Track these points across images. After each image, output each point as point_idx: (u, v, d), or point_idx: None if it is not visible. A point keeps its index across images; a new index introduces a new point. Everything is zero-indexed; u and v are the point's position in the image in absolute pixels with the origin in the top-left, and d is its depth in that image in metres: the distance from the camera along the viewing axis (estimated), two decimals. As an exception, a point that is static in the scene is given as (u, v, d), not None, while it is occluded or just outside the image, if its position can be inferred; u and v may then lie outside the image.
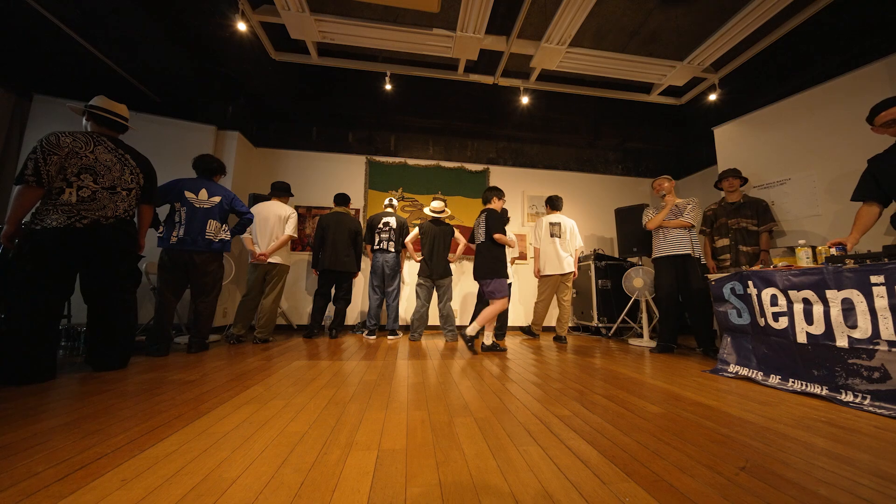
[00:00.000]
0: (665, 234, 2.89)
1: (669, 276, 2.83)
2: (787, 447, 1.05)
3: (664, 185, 3.01)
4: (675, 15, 2.89)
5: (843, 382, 1.55)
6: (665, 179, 3.04)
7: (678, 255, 2.79)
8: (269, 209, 3.11)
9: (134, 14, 2.73)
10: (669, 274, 2.83)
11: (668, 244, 2.85)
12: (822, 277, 1.67)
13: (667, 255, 2.84)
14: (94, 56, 3.04)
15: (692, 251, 2.76)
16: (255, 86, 3.82)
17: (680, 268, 2.80)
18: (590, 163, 5.12)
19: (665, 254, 2.85)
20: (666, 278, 2.84)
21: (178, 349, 2.55)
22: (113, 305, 1.89)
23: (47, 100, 3.19)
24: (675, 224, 2.83)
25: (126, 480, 0.80)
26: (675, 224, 2.83)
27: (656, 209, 3.03)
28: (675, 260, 2.81)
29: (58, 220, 1.69)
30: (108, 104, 1.94)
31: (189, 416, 1.21)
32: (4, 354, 1.56)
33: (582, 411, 1.34)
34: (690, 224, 2.80)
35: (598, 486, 0.81)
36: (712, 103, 3.77)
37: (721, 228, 2.91)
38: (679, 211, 2.89)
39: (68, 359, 2.14)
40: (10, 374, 1.54)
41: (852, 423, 1.28)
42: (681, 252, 2.78)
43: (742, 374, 1.98)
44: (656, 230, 2.95)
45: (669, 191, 2.99)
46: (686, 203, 2.90)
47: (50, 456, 0.90)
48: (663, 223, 2.89)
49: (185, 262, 2.40)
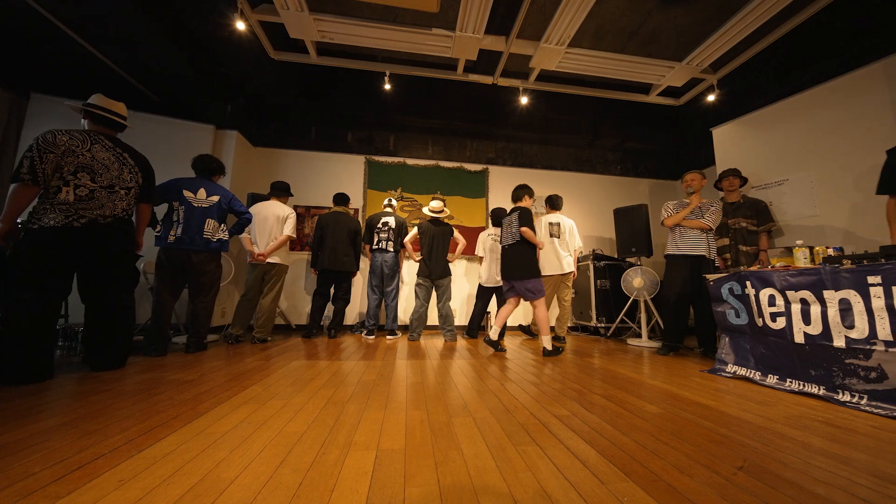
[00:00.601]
0: (683, 232, 2.78)
1: (682, 276, 2.73)
2: (784, 447, 1.05)
3: (694, 183, 2.82)
4: (674, 15, 2.90)
5: (840, 382, 1.56)
6: (699, 175, 2.84)
7: (694, 256, 2.70)
8: (268, 209, 3.11)
9: (133, 13, 2.72)
10: (682, 273, 2.73)
11: (686, 243, 2.74)
12: (820, 278, 1.67)
13: (683, 254, 2.74)
14: (93, 55, 3.03)
15: (708, 253, 2.67)
16: (254, 85, 3.81)
17: (695, 268, 2.70)
18: (589, 163, 5.12)
19: (681, 252, 2.75)
20: (678, 277, 2.75)
21: (176, 349, 2.55)
22: (111, 305, 1.89)
23: (45, 98, 3.17)
24: (695, 225, 2.70)
25: (123, 481, 0.79)
26: (694, 225, 2.70)
27: (679, 205, 2.86)
28: (691, 260, 2.72)
29: (55, 219, 1.68)
30: (106, 102, 1.93)
31: (187, 417, 1.20)
32: (2, 354, 1.55)
33: (580, 411, 1.34)
34: (710, 226, 2.68)
35: (596, 485, 0.81)
36: (711, 104, 3.78)
37: (721, 228, 2.88)
38: (701, 212, 2.75)
39: (66, 359, 2.13)
40: (8, 373, 1.53)
41: (850, 422, 1.29)
42: (697, 253, 2.69)
43: (740, 374, 1.98)
44: (673, 227, 2.84)
45: (698, 189, 2.82)
46: (710, 204, 2.76)
47: (47, 456, 0.90)
48: (682, 222, 2.77)
49: (182, 262, 2.40)
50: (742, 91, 3.72)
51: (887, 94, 2.48)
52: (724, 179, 2.96)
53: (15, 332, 1.57)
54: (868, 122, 2.55)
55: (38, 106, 3.16)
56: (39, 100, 3.17)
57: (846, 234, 2.59)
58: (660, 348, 2.81)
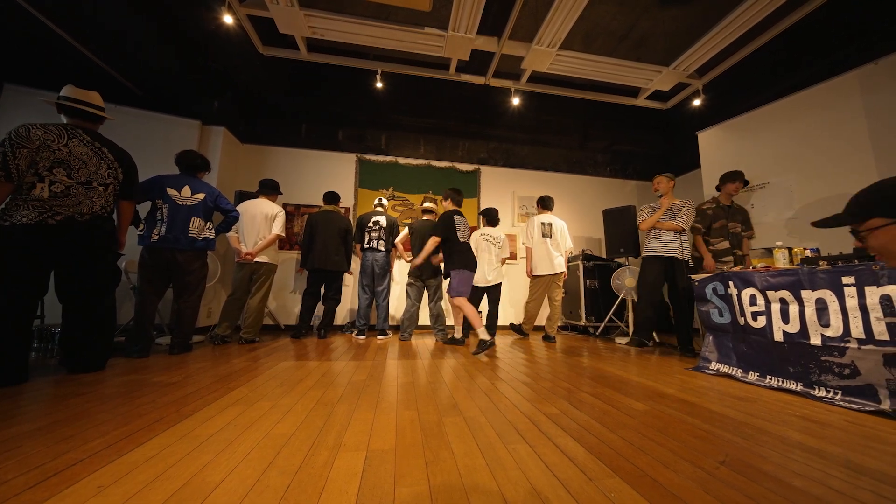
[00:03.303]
0: (657, 234, 2.92)
1: (655, 273, 2.89)
2: (764, 441, 1.09)
3: (661, 185, 2.97)
4: (663, 20, 2.96)
5: (816, 378, 1.62)
6: (664, 178, 2.98)
7: (667, 257, 2.85)
8: (256, 207, 3.05)
9: (115, 3, 2.63)
10: (655, 271, 2.89)
11: (660, 245, 2.89)
12: (798, 278, 1.74)
13: (657, 255, 2.89)
14: (73, 46, 2.91)
15: (680, 254, 2.81)
16: (242, 80, 3.73)
17: (668, 268, 2.86)
18: (579, 164, 5.19)
19: (655, 254, 2.90)
20: (651, 274, 2.90)
21: (160, 350, 2.48)
22: (90, 305, 1.82)
23: (19, 90, 3.04)
24: (668, 227, 2.85)
25: (103, 487, 0.77)
26: (667, 227, 2.85)
27: (651, 209, 3.02)
28: (664, 261, 2.87)
29: (28, 216, 1.61)
30: (78, 93, 1.85)
31: (171, 420, 1.17)
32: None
33: (570, 409, 1.36)
34: (682, 227, 2.82)
35: (584, 482, 0.83)
36: (696, 108, 3.88)
37: (721, 230, 2.86)
38: (673, 213, 2.89)
39: (41, 361, 2.05)
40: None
41: (825, 417, 1.34)
42: (670, 254, 2.83)
43: (723, 372, 2.04)
44: (649, 229, 2.98)
45: (667, 191, 2.96)
46: (681, 205, 2.90)
47: (22, 462, 0.86)
48: (656, 224, 2.91)
49: (166, 261, 2.33)
50: (727, 96, 3.82)
51: (860, 101, 2.59)
52: (730, 182, 2.89)
53: (-14, 333, 1.50)
54: (843, 128, 2.66)
55: (12, 98, 3.02)
56: (14, 91, 3.03)
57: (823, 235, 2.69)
58: (629, 341, 2.95)
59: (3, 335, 1.53)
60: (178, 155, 2.51)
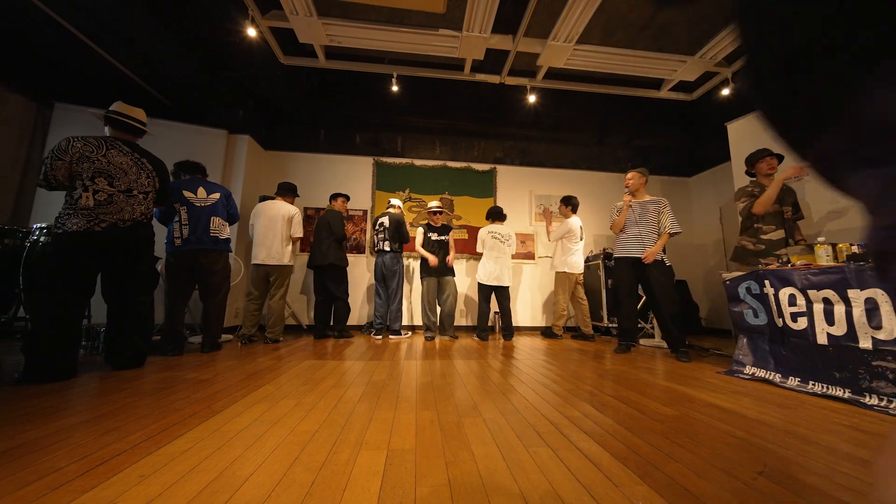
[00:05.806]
0: (627, 235, 2.79)
1: (627, 277, 2.77)
2: (807, 451, 1.01)
3: (632, 181, 2.81)
4: (686, 9, 2.83)
5: (867, 385, 1.50)
6: (636, 174, 2.81)
7: (635, 258, 2.72)
8: (275, 209, 3.15)
9: (146, 21, 2.80)
10: (627, 274, 2.77)
11: (629, 245, 2.76)
12: (844, 276, 1.61)
13: (626, 256, 2.78)
14: (110, 63, 3.13)
15: None
16: (263, 89, 3.88)
17: (637, 269, 2.73)
18: (598, 161, 5.05)
19: (626, 254, 2.78)
20: (624, 279, 2.78)
21: (193, 349, 2.61)
22: (131, 306, 1.95)
23: (68, 107, 3.30)
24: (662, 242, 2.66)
25: (144, 476, 0.82)
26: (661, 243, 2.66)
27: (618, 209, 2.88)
28: (632, 261, 2.74)
29: (77, 223, 1.74)
30: (126, 109, 2.01)
31: (203, 415, 1.23)
32: (29, 354, 1.61)
33: (592, 412, 1.32)
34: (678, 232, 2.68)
35: (610, 488, 0.80)
36: (725, 98, 3.68)
37: (775, 217, 2.39)
38: (644, 211, 2.74)
39: (88, 357, 2.21)
40: (34, 372, 1.60)
41: (877, 427, 1.23)
42: (637, 255, 2.71)
43: (759, 376, 1.92)
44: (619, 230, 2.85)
45: (637, 188, 2.79)
46: (654, 204, 2.73)
47: (72, 451, 0.93)
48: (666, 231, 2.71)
49: (190, 264, 2.46)
50: (758, 84, 3.61)
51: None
52: (759, 162, 2.47)
53: (41, 332, 1.64)
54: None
55: (62, 115, 3.29)
56: (63, 109, 3.30)
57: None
58: (616, 348, 2.80)
59: (56, 336, 1.66)
60: (176, 164, 2.68)
